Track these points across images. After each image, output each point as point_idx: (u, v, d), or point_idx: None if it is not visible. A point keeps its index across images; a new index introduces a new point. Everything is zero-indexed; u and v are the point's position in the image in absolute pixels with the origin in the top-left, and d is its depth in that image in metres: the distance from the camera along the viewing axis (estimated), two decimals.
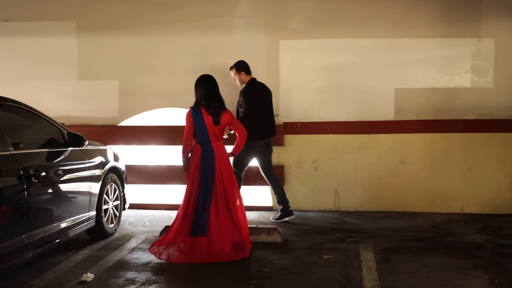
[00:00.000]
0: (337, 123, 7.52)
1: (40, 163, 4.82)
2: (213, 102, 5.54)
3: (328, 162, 7.56)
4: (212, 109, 5.52)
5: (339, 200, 7.57)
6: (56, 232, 4.97)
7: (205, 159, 5.50)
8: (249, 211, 7.47)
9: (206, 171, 5.48)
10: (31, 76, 7.92)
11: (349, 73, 7.48)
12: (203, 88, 5.57)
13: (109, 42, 7.80)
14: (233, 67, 6.98)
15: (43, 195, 4.83)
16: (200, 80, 5.67)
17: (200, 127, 5.49)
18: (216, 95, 5.60)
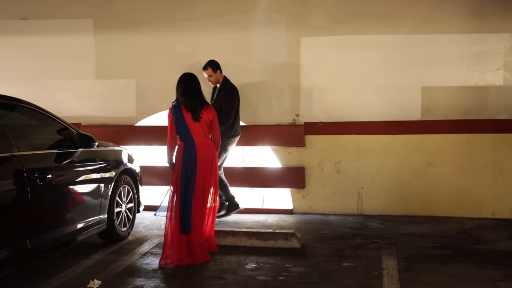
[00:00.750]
0: (361, 123, 7.21)
1: (46, 165, 4.64)
2: (190, 98, 5.51)
3: (351, 164, 7.26)
4: (190, 105, 5.48)
5: (362, 204, 7.26)
6: (63, 236, 4.80)
7: (187, 156, 5.41)
8: (268, 215, 7.29)
9: (187, 168, 5.37)
10: (48, 75, 7.82)
11: (374, 71, 7.16)
12: (182, 86, 5.58)
13: (127, 40, 7.64)
14: (207, 67, 6.87)
15: (49, 198, 4.65)
16: (180, 78, 5.65)
17: (180, 124, 5.46)
18: (195, 92, 5.57)
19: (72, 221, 4.98)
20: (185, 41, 7.52)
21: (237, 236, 5.84)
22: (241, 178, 7.44)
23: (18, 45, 7.86)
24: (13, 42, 7.85)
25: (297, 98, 7.29)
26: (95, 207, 5.41)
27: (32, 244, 4.33)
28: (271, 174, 7.40)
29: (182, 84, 5.59)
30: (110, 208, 5.71)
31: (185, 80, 5.61)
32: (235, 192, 7.08)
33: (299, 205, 7.40)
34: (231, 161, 7.49)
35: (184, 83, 5.59)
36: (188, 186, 5.35)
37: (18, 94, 7.85)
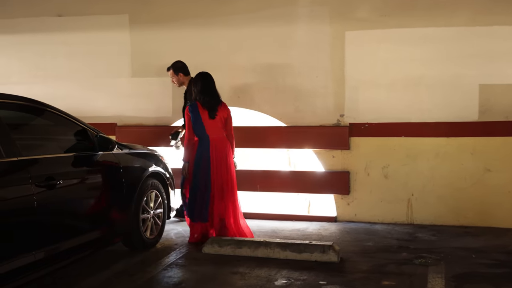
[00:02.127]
0: (411, 124, 6.60)
1: (57, 170, 4.32)
2: (208, 97, 5.79)
3: (400, 169, 6.66)
4: (208, 104, 5.78)
5: (412, 212, 6.65)
6: (76, 247, 4.48)
7: (200, 151, 5.79)
8: (310, 222, 6.81)
9: (199, 163, 5.79)
10: (83, 73, 7.61)
11: (425, 67, 6.53)
12: (199, 84, 5.83)
13: (163, 37, 7.32)
14: (170, 68, 6.73)
15: (59, 206, 4.35)
16: (196, 77, 5.92)
17: (196, 122, 5.77)
18: (212, 91, 5.83)
19: (87, 230, 4.68)
20: (223, 37, 7.12)
21: (270, 247, 5.39)
22: (280, 183, 6.99)
23: (53, 42, 7.69)
24: (49, 39, 7.70)
25: (342, 97, 6.76)
26: (116, 214, 5.09)
27: (39, 256, 4.03)
28: (313, 179, 6.90)
29: (199, 82, 5.83)
30: (135, 214, 5.39)
31: (202, 79, 5.85)
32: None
33: (343, 213, 6.87)
34: (270, 164, 7.09)
35: (201, 82, 5.83)
36: (200, 179, 5.76)
37: (54, 93, 7.75)
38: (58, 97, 7.62)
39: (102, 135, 4.94)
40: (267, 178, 7.00)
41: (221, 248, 5.51)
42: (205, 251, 5.53)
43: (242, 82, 7.05)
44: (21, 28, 7.79)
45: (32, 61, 7.82)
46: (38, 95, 7.76)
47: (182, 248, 5.71)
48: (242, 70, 7.03)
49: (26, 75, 7.86)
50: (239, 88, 7.06)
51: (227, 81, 7.08)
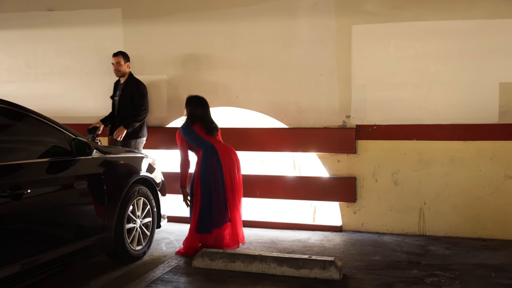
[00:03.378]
0: (424, 126, 6.05)
1: (24, 178, 3.88)
2: (207, 124, 5.65)
3: (411, 175, 6.12)
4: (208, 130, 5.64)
5: (425, 222, 6.10)
6: (49, 262, 4.03)
7: (206, 158, 5.51)
8: (313, 232, 6.31)
9: (207, 171, 5.48)
10: (74, 71, 7.19)
11: (440, 64, 5.98)
12: (199, 110, 5.66)
13: (157, 32, 6.85)
14: (119, 54, 6.51)
15: (27, 218, 3.89)
16: (192, 101, 5.72)
17: (196, 139, 5.59)
18: (211, 119, 5.72)
19: (61, 243, 4.21)
20: (220, 32, 6.63)
21: (265, 262, 4.89)
22: (280, 189, 6.48)
23: (44, 38, 7.27)
24: (40, 35, 7.28)
25: (348, 97, 6.24)
26: (96, 224, 4.62)
27: (2, 274, 3.60)
28: (316, 185, 6.38)
29: (198, 109, 5.65)
30: (119, 224, 4.93)
31: (201, 107, 5.66)
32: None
33: (349, 222, 6.35)
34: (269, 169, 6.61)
35: (200, 109, 5.65)
36: (214, 186, 5.46)
37: (45, 92, 7.32)
38: (50, 96, 7.28)
39: (80, 138, 4.47)
40: (267, 184, 6.51)
41: (212, 262, 5.03)
42: (195, 264, 5.06)
43: (240, 80, 6.57)
44: (11, 24, 7.39)
45: (23, 58, 7.41)
46: (29, 94, 7.44)
47: (171, 261, 5.24)
48: (240, 67, 6.55)
49: (16, 73, 7.46)
50: (237, 87, 6.58)
51: (224, 79, 6.62)
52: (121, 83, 6.60)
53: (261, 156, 7.72)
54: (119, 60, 6.48)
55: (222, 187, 5.47)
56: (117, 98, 6.56)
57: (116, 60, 6.48)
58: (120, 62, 6.48)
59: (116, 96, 6.59)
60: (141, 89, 6.58)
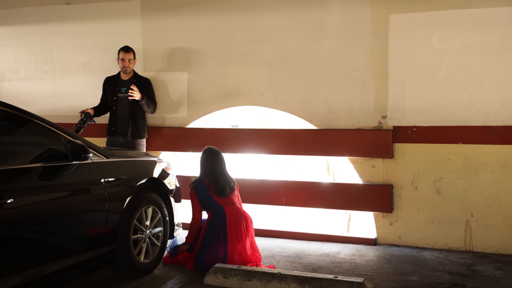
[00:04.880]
0: (472, 128, 5.34)
1: (6, 186, 3.43)
2: (221, 180, 5.07)
3: (456, 183, 5.42)
4: (218, 188, 5.04)
5: (472, 237, 5.39)
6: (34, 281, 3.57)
7: (215, 219, 4.94)
8: (344, 244, 5.68)
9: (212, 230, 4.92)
10: (91, 68, 6.78)
11: (490, 58, 5.27)
12: (210, 164, 5.12)
13: (177, 25, 6.36)
14: (131, 50, 6.09)
15: (9, 232, 3.44)
16: (204, 153, 5.18)
17: (206, 199, 5.03)
18: (224, 176, 5.09)
19: (52, 258, 3.74)
20: (245, 24, 6.09)
21: (285, 281, 4.31)
22: (308, 196, 5.88)
23: (61, 33, 6.89)
24: (56, 30, 6.91)
25: (384, 95, 5.59)
26: (93, 237, 4.15)
27: None
28: (348, 193, 5.75)
29: (209, 162, 5.11)
30: (123, 235, 4.44)
31: (213, 158, 5.12)
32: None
33: (385, 234, 5.69)
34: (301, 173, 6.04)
35: (212, 161, 5.11)
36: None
37: (62, 90, 6.91)
38: (67, 94, 6.93)
39: (76, 141, 4.00)
40: (293, 191, 5.92)
41: (226, 279, 4.48)
42: (207, 282, 4.52)
43: (265, 77, 6.00)
44: (28, 19, 7.05)
45: (40, 54, 7.06)
46: (46, 92, 7.06)
47: (184, 276, 4.72)
48: (265, 62, 5.99)
49: (33, 70, 7.12)
50: (262, 84, 6.02)
51: (247, 75, 6.07)
52: (126, 80, 6.17)
53: (292, 159, 7.15)
54: (131, 57, 6.07)
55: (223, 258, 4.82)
56: (127, 95, 6.10)
57: (128, 57, 6.06)
58: (131, 58, 6.08)
59: (123, 93, 6.14)
60: (152, 86, 6.31)
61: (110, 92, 6.17)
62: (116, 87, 6.16)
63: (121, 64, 6.07)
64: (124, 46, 6.07)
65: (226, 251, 4.83)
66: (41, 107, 7.02)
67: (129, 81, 6.14)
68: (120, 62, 6.07)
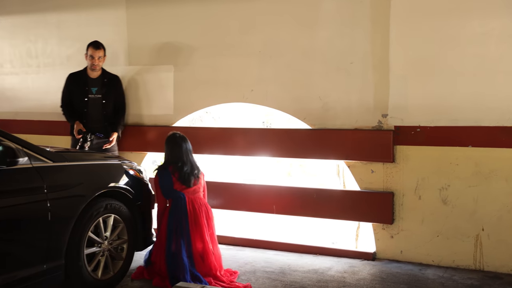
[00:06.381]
0: (483, 129, 4.63)
1: None
2: (183, 165, 4.64)
3: (465, 192, 4.72)
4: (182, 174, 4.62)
5: (482, 254, 4.69)
6: None
7: (174, 210, 4.55)
8: (337, 258, 5.07)
9: (172, 222, 4.53)
10: (76, 61, 6.27)
11: (505, 48, 4.55)
12: (175, 151, 4.71)
13: (164, 15, 5.83)
14: (102, 47, 5.65)
15: None
16: (168, 140, 4.79)
17: (169, 188, 4.62)
18: (188, 160, 4.68)
19: None
20: (235, 13, 5.52)
21: None
22: (299, 203, 5.28)
23: (46, 24, 6.48)
24: (42, 20, 6.51)
25: (385, 91, 4.93)
26: (32, 252, 3.68)
27: None
28: (344, 201, 5.13)
29: (173, 149, 4.71)
30: (74, 249, 3.96)
31: (177, 147, 4.71)
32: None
33: (385, 248, 5.05)
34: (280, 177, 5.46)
35: (176, 149, 4.70)
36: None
37: (47, 85, 6.45)
38: (52, 90, 6.51)
39: (5, 142, 3.53)
40: (284, 197, 5.33)
41: None
42: None
43: (256, 70, 5.43)
44: (13, 8, 6.68)
45: (24, 47, 6.67)
46: (32, 87, 6.60)
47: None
48: (255, 55, 5.41)
49: (18, 63, 6.74)
50: (253, 78, 5.44)
51: (237, 69, 5.51)
52: (95, 79, 5.74)
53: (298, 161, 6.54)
54: (101, 54, 5.65)
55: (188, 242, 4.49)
56: (99, 96, 5.71)
57: (98, 54, 5.63)
58: (101, 56, 5.66)
59: (94, 93, 5.72)
60: (122, 85, 5.94)
61: (78, 92, 5.71)
62: (86, 87, 5.70)
63: (90, 62, 5.64)
64: (94, 41, 5.64)
65: (190, 250, 4.46)
66: (27, 104, 6.71)
67: (99, 79, 5.73)
68: (89, 59, 5.63)
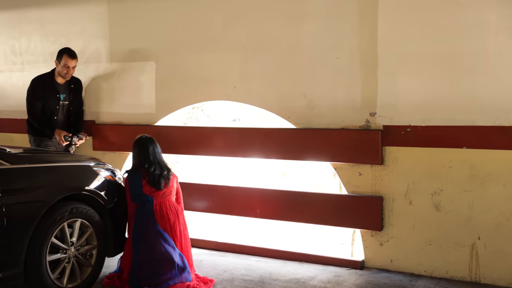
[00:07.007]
0: (479, 128, 4.26)
1: None
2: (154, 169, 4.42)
3: (459, 197, 4.36)
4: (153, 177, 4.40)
5: (479, 265, 4.33)
6: None
7: (141, 210, 4.33)
8: (323, 266, 4.78)
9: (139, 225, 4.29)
10: None
11: (504, 37, 4.17)
12: (143, 153, 4.49)
13: (145, 8, 5.59)
14: (76, 56, 5.49)
15: None
16: (135, 143, 4.58)
17: (138, 191, 4.38)
18: (156, 162, 4.46)
19: None
20: (219, 6, 5.24)
21: None
22: (283, 207, 4.98)
23: (29, 20, 6.31)
24: (24, 17, 6.36)
25: (373, 88, 4.59)
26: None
27: None
28: (330, 205, 4.80)
29: (142, 151, 4.49)
30: (35, 256, 3.74)
31: (144, 149, 4.50)
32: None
33: (374, 256, 4.71)
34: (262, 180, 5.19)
35: (145, 151, 4.48)
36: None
37: None
38: None
39: None
40: (267, 201, 5.03)
41: None
42: None
43: (239, 66, 5.14)
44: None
45: (8, 44, 6.51)
46: (16, 85, 6.35)
47: None
48: (238, 50, 5.12)
49: (3, 61, 6.58)
50: (236, 75, 5.16)
51: (220, 65, 5.23)
52: (62, 84, 5.60)
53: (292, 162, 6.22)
54: (76, 64, 5.55)
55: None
56: (66, 102, 5.61)
57: (73, 64, 5.52)
58: (75, 66, 5.54)
59: (62, 100, 5.59)
60: (81, 89, 5.85)
61: (51, 100, 5.55)
62: (57, 94, 5.56)
63: (64, 71, 5.49)
64: (67, 49, 5.49)
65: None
66: (12, 102, 6.52)
67: (65, 85, 5.62)
68: (63, 67, 5.47)
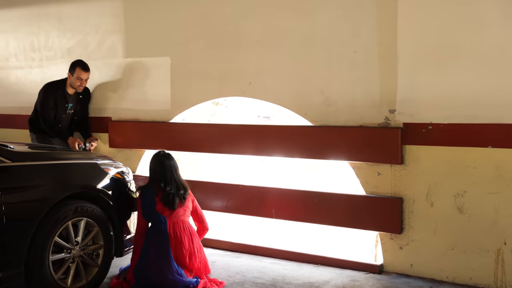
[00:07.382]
0: (506, 126, 3.99)
1: None
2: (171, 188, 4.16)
3: (484, 199, 4.09)
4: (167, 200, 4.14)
5: (505, 272, 4.06)
6: None
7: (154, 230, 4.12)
8: (340, 270, 4.57)
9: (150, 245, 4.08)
10: (76, 54, 6.05)
11: None
12: (160, 170, 4.24)
13: (160, 3, 5.47)
14: (89, 69, 5.51)
15: None
16: (154, 159, 4.32)
17: (151, 209, 4.15)
18: (173, 180, 4.20)
19: None
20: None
21: None
22: (300, 208, 4.79)
23: (48, 16, 6.26)
24: (43, 12, 6.30)
25: (393, 83, 4.36)
26: None
27: None
28: (348, 206, 4.59)
29: (158, 167, 4.25)
30: (38, 255, 3.65)
31: (161, 165, 4.24)
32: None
33: (393, 260, 4.48)
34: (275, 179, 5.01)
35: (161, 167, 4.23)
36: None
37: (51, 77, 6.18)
38: None
39: None
40: (284, 201, 4.85)
41: None
42: None
43: (254, 62, 4.96)
44: (16, 1, 6.48)
45: (28, 40, 6.48)
46: (35, 81, 6.34)
47: None
48: (253, 44, 4.95)
49: (22, 57, 6.56)
50: (250, 70, 4.99)
51: (235, 60, 5.07)
52: (72, 95, 5.62)
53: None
54: (88, 76, 5.57)
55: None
56: (72, 111, 5.64)
57: (86, 77, 5.56)
58: (88, 78, 5.56)
59: (69, 109, 5.63)
60: (89, 99, 5.90)
61: (58, 108, 5.59)
62: (66, 104, 5.60)
63: (77, 83, 5.51)
64: (81, 62, 5.50)
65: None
66: (31, 98, 6.47)
67: (75, 95, 5.64)
68: (76, 80, 5.50)
